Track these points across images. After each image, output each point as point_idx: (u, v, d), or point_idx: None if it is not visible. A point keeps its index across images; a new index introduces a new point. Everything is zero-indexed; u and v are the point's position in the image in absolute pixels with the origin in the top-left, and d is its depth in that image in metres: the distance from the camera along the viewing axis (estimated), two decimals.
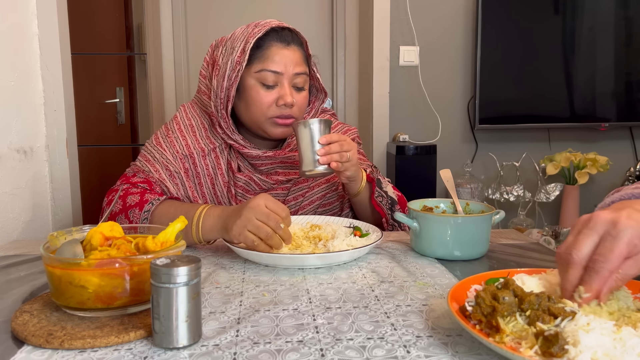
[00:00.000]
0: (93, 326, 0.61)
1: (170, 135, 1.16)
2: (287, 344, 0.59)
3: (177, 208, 1.00)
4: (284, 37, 1.10)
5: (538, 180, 2.39)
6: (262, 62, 1.09)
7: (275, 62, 1.09)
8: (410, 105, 2.44)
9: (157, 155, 1.13)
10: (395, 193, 1.16)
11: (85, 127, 2.33)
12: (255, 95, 1.09)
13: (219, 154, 1.16)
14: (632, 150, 2.58)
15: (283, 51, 1.09)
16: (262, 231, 0.85)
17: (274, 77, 1.09)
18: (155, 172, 1.11)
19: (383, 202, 1.11)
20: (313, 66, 1.19)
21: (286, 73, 1.09)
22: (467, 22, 2.42)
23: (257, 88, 1.09)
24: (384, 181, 1.17)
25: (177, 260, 0.58)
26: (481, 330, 0.56)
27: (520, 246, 1.00)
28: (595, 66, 2.41)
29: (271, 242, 0.86)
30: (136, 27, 2.77)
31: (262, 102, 1.09)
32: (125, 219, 1.01)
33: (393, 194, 1.14)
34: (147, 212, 1.00)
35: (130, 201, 1.03)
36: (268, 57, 1.09)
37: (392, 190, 1.17)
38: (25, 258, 0.95)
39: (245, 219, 0.86)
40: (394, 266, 0.87)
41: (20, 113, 1.46)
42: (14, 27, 1.45)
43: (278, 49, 1.09)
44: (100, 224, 0.72)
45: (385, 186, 1.14)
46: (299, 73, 1.11)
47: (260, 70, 1.09)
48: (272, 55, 1.09)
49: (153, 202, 1.02)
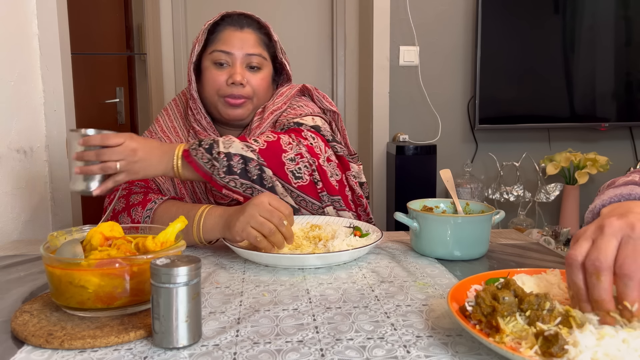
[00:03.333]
0: (93, 326, 0.61)
1: (154, 137, 1.19)
2: (287, 344, 0.59)
3: (178, 207, 1.01)
4: (237, 22, 1.15)
5: (538, 180, 2.39)
6: (215, 43, 1.14)
7: (226, 43, 1.14)
8: (410, 105, 2.44)
9: None
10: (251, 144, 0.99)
11: (85, 127, 2.32)
12: (209, 74, 1.14)
13: None
14: (632, 150, 2.58)
15: (235, 33, 1.14)
16: (266, 227, 0.85)
17: (225, 57, 1.13)
18: None
19: (206, 166, 0.94)
20: (279, 52, 1.20)
21: (237, 54, 1.13)
22: (467, 22, 2.42)
23: (211, 68, 1.14)
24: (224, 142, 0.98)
25: (177, 260, 0.58)
26: (481, 330, 0.56)
27: (520, 246, 1.00)
28: (595, 66, 2.41)
29: (274, 239, 0.86)
30: (136, 27, 2.77)
31: (214, 80, 1.13)
32: (127, 217, 1.02)
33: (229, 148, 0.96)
34: (149, 211, 1.01)
35: (133, 200, 1.04)
36: (220, 39, 1.14)
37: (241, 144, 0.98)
38: (25, 258, 0.95)
39: (249, 215, 0.86)
40: (394, 266, 0.87)
41: (20, 113, 1.46)
42: (14, 27, 1.45)
43: (231, 32, 1.14)
44: (100, 224, 0.72)
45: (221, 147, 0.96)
46: (252, 54, 1.14)
47: (213, 51, 1.14)
48: (224, 37, 1.14)
49: (155, 201, 1.02)
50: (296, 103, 1.21)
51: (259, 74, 1.16)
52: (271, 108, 1.19)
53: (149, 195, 1.05)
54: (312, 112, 1.19)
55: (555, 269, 0.71)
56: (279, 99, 1.20)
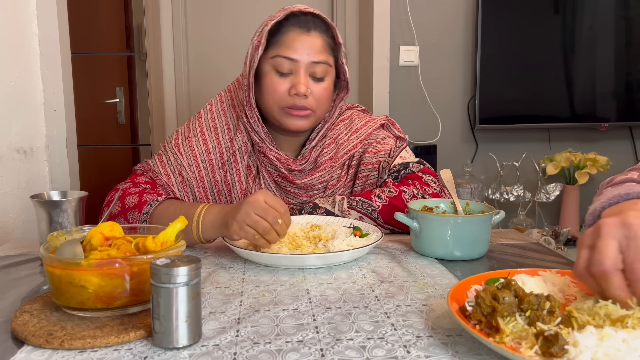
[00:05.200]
0: (93, 326, 0.61)
1: (191, 138, 1.12)
2: (287, 344, 0.59)
3: (176, 207, 0.99)
4: (305, 23, 1.04)
5: (538, 180, 2.39)
6: (278, 47, 1.04)
7: (290, 49, 1.03)
8: (410, 105, 2.44)
9: (172, 160, 1.11)
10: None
11: (85, 127, 2.33)
12: (269, 82, 1.05)
13: (239, 160, 1.13)
14: (632, 150, 2.58)
15: (301, 37, 1.04)
16: (260, 226, 0.85)
17: (289, 64, 1.04)
18: (164, 175, 1.09)
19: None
20: (342, 57, 1.11)
21: (302, 60, 1.04)
22: (467, 22, 2.42)
23: (272, 75, 1.05)
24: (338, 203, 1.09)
25: (177, 260, 0.58)
26: (481, 331, 0.56)
27: (520, 246, 1.00)
28: (595, 66, 2.41)
29: (268, 237, 0.86)
30: (136, 27, 2.77)
31: (275, 90, 1.05)
32: (124, 221, 1.00)
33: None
34: (145, 215, 0.99)
35: (129, 202, 1.01)
36: (284, 43, 1.04)
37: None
38: (25, 258, 0.95)
39: (244, 213, 0.86)
40: (394, 266, 0.87)
41: (20, 113, 1.46)
42: (14, 27, 1.45)
43: (296, 35, 1.04)
44: (100, 224, 0.72)
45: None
46: (318, 62, 1.05)
47: (275, 56, 1.04)
48: (288, 41, 1.03)
49: (152, 204, 1.00)
50: (374, 139, 1.17)
51: (322, 84, 1.07)
52: (346, 147, 1.15)
53: (144, 196, 1.01)
54: (395, 143, 1.17)
55: (555, 269, 0.71)
56: (354, 136, 1.16)
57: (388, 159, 1.14)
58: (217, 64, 2.58)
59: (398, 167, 1.12)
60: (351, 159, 1.18)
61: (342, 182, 1.18)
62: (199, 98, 2.61)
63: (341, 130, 1.18)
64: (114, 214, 1.02)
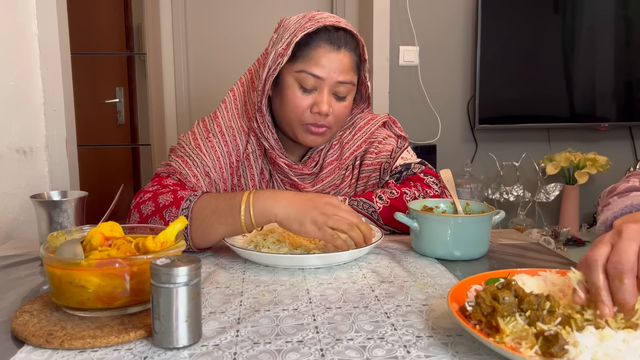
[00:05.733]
0: (93, 326, 0.61)
1: (212, 138, 1.09)
2: (287, 344, 0.59)
3: (218, 198, 0.91)
4: (336, 40, 1.01)
5: (538, 180, 2.39)
6: (306, 62, 1.01)
7: (318, 66, 1.00)
8: (409, 105, 2.44)
9: (197, 161, 1.06)
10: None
11: (85, 127, 2.33)
12: (291, 96, 1.03)
13: (253, 163, 1.12)
14: (632, 150, 2.58)
15: (331, 54, 1.01)
16: (344, 223, 0.85)
17: (314, 81, 1.01)
18: (193, 177, 1.05)
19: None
20: (365, 72, 1.11)
21: (328, 79, 1.01)
22: (467, 22, 2.42)
23: (295, 89, 1.03)
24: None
25: (177, 260, 0.58)
26: (481, 331, 0.56)
27: (520, 246, 1.00)
28: (595, 66, 2.41)
29: (353, 233, 0.86)
30: (136, 27, 2.77)
31: (296, 105, 1.03)
32: (160, 220, 0.93)
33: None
34: (185, 210, 0.91)
35: (163, 201, 0.94)
36: (312, 59, 1.01)
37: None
38: (25, 258, 0.95)
39: (324, 214, 0.85)
40: (394, 266, 0.87)
41: (20, 113, 1.46)
42: (14, 27, 1.45)
43: (326, 52, 1.01)
44: (100, 224, 0.72)
45: None
46: (343, 82, 1.03)
47: (301, 70, 1.01)
48: (317, 57, 1.00)
49: (190, 199, 0.93)
50: (375, 139, 1.17)
51: (344, 103, 1.06)
52: (350, 148, 1.15)
53: (179, 193, 0.95)
54: (396, 143, 1.17)
55: (555, 269, 0.71)
56: (358, 135, 1.16)
57: (390, 160, 1.14)
58: (217, 64, 2.58)
59: (400, 168, 1.12)
60: (355, 159, 1.18)
61: (347, 182, 1.18)
62: (198, 98, 2.61)
63: (345, 129, 1.19)
64: (147, 215, 0.95)
